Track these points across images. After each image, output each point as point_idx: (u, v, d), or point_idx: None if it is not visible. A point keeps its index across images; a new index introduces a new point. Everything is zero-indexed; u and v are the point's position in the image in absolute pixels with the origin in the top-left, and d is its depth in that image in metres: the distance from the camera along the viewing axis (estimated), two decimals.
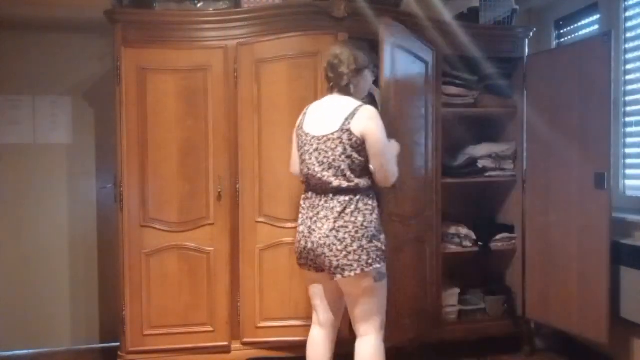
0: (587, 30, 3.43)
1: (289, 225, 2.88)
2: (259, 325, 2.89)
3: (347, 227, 2.22)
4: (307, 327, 2.88)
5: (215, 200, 2.87)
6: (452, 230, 3.26)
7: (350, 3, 2.89)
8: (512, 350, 3.31)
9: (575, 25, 3.54)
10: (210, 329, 2.88)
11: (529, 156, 3.26)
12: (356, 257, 2.21)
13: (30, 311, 3.41)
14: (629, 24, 3.09)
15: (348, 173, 2.25)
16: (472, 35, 3.12)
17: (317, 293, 2.45)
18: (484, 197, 3.59)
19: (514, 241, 3.34)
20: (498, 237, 3.32)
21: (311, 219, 2.30)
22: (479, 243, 3.29)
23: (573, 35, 3.58)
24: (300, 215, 2.38)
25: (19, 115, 3.40)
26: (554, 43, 3.70)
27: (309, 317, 2.88)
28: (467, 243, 3.28)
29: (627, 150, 3.11)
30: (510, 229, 3.36)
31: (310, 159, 2.30)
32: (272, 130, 2.87)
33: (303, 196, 2.40)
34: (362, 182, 2.28)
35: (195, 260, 2.87)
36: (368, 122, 2.24)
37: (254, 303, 2.89)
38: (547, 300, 3.09)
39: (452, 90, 3.22)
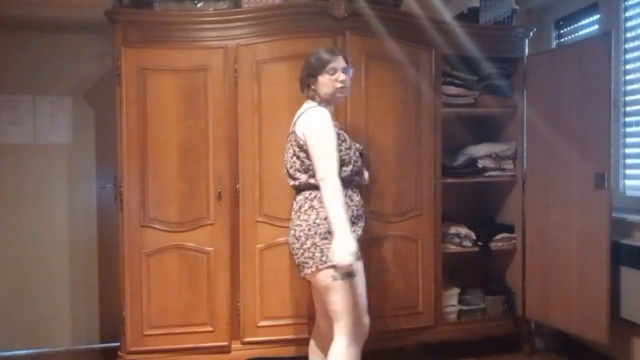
0: (587, 30, 3.43)
1: (289, 224, 2.88)
2: (259, 324, 2.89)
3: (301, 225, 2.29)
4: (307, 326, 2.90)
5: (215, 200, 2.87)
6: (452, 230, 3.26)
7: (350, 3, 2.89)
8: (512, 350, 3.31)
9: (575, 25, 3.54)
10: (210, 329, 2.88)
11: (529, 156, 3.26)
12: (310, 255, 2.25)
13: (30, 311, 3.41)
14: (629, 24, 3.09)
15: (299, 172, 2.32)
16: (472, 35, 3.12)
17: (313, 295, 2.50)
18: (484, 197, 3.59)
19: (514, 241, 3.34)
20: (498, 237, 3.32)
21: (290, 220, 2.40)
22: (479, 243, 3.29)
23: (573, 35, 3.58)
24: None
25: (19, 115, 3.40)
26: (554, 43, 3.70)
27: (309, 316, 2.90)
28: (467, 243, 3.29)
29: (627, 150, 3.11)
30: (510, 229, 3.36)
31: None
32: (272, 130, 2.87)
33: None
34: (315, 180, 2.27)
35: (195, 260, 2.87)
36: (307, 124, 2.29)
37: (254, 303, 2.89)
38: (547, 300, 3.09)
39: (452, 90, 3.22)
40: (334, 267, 2.19)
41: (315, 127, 2.27)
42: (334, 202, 2.17)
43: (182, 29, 2.85)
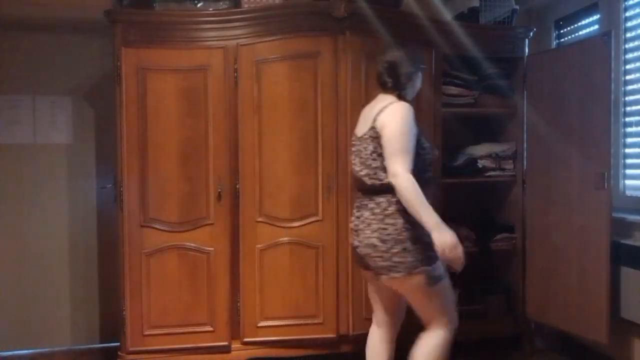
0: (587, 30, 3.43)
1: (289, 225, 2.89)
2: (259, 324, 2.89)
3: (387, 228, 2.19)
4: (307, 326, 2.91)
5: (215, 200, 2.87)
6: (452, 230, 3.26)
7: (350, 3, 2.89)
8: (512, 350, 3.31)
9: (575, 25, 3.54)
10: (210, 329, 2.88)
11: (529, 156, 3.26)
12: (401, 259, 2.17)
13: (30, 311, 3.41)
14: (629, 24, 3.09)
15: (380, 172, 2.21)
16: (472, 35, 3.12)
17: (372, 291, 2.45)
18: (484, 197, 3.59)
19: (514, 241, 3.34)
20: (498, 237, 3.32)
21: (358, 218, 2.31)
22: (479, 243, 3.29)
23: (573, 35, 3.58)
24: (352, 213, 2.39)
25: (19, 115, 3.39)
26: (554, 43, 3.70)
27: (309, 316, 2.90)
28: (467, 243, 3.27)
29: (627, 150, 3.11)
30: (510, 229, 3.36)
31: (354, 159, 2.34)
32: (272, 131, 2.87)
33: (356, 195, 2.40)
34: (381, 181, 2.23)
35: (195, 260, 2.87)
36: (389, 116, 2.19)
37: (254, 303, 2.89)
38: (547, 300, 3.09)
39: (452, 90, 3.22)
40: (426, 272, 2.18)
41: (399, 121, 2.17)
42: (418, 197, 2.10)
43: (182, 29, 2.85)
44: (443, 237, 2.11)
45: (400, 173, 2.11)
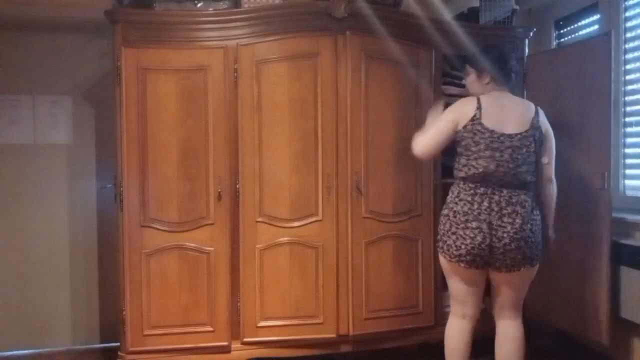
0: (587, 30, 3.43)
1: (289, 224, 2.89)
2: (259, 324, 2.89)
3: (536, 220, 2.40)
4: (307, 326, 2.91)
5: (215, 200, 2.87)
6: None
7: (350, 3, 2.89)
8: None
9: (575, 25, 3.55)
10: (210, 329, 2.88)
11: None
12: (540, 248, 2.41)
13: (30, 311, 3.41)
14: (629, 24, 3.09)
15: (534, 168, 2.41)
16: (472, 35, 3.12)
17: (473, 290, 2.50)
18: None
19: None
20: None
21: (493, 213, 2.34)
22: None
23: (573, 35, 3.58)
24: (466, 210, 2.38)
25: (19, 115, 3.40)
26: (554, 43, 3.70)
27: (309, 316, 2.90)
28: None
29: (627, 150, 3.11)
30: None
31: (502, 156, 2.35)
32: (272, 130, 2.87)
33: (470, 192, 2.39)
34: (535, 178, 2.44)
35: (195, 260, 2.87)
36: (546, 120, 2.46)
37: (254, 303, 2.89)
38: (547, 300, 3.08)
39: (452, 90, 3.21)
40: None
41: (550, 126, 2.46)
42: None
43: (182, 29, 2.85)
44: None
45: (554, 177, 2.50)
